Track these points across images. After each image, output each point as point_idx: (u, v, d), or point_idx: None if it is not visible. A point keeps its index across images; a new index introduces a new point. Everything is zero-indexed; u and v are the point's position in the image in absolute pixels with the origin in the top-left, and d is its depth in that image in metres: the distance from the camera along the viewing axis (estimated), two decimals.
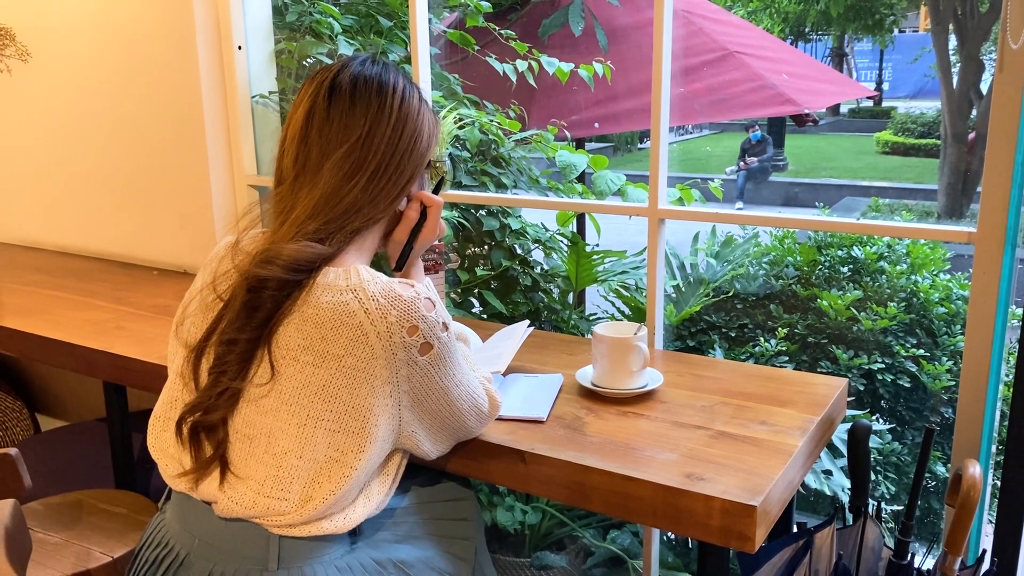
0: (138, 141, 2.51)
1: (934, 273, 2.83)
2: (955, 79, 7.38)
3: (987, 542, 1.65)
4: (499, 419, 1.40)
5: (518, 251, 2.59)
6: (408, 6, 2.09)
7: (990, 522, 1.76)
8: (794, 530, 1.53)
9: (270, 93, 2.47)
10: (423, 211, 1.34)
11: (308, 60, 2.51)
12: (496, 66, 2.71)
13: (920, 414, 2.65)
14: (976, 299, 1.55)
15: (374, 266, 1.21)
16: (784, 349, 2.69)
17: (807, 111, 4.32)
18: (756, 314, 2.88)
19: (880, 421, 2.60)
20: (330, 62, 1.57)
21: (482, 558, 1.35)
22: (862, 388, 2.65)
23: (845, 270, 2.90)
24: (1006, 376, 1.64)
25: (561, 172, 2.58)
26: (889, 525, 2.44)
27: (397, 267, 1.38)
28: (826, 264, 2.93)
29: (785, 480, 1.26)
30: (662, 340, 1.95)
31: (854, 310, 2.71)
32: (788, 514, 1.52)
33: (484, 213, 2.54)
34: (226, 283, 1.16)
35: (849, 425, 1.61)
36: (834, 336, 2.74)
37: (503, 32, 2.86)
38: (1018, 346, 1.51)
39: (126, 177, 2.57)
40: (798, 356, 2.74)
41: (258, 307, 1.11)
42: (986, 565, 1.47)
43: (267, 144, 2.46)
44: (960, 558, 1.36)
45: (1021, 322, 2.45)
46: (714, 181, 3.22)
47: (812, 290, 2.85)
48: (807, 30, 12.77)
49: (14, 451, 1.41)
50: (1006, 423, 1.55)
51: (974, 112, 7.34)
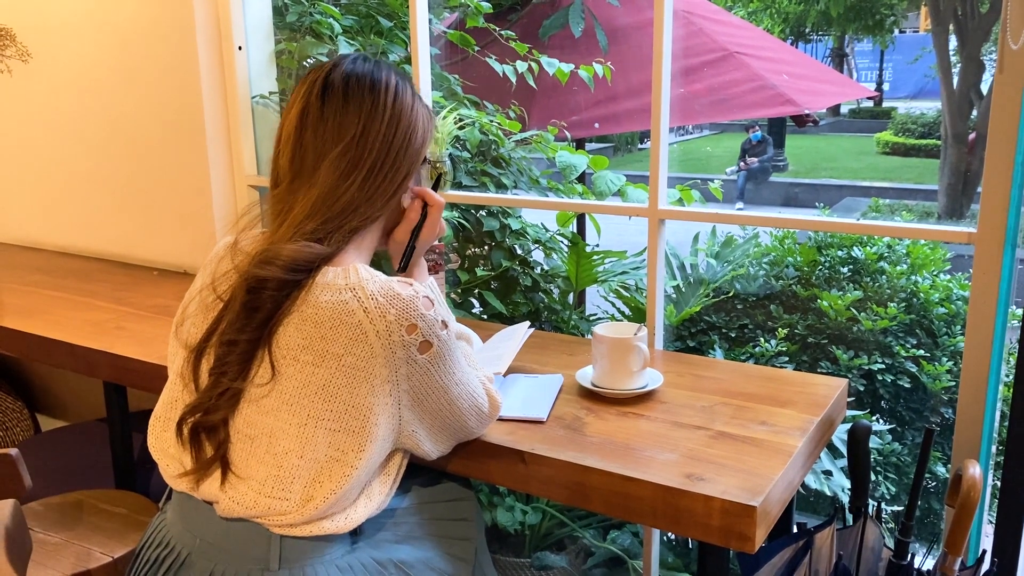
0: (138, 141, 2.51)
1: (934, 273, 2.83)
2: (955, 79, 7.38)
3: (987, 542, 1.65)
4: (499, 419, 1.40)
5: (518, 251, 2.59)
6: (408, 6, 2.09)
7: (990, 522, 1.76)
8: (794, 530, 1.53)
9: (270, 93, 2.47)
10: (424, 211, 1.34)
11: (308, 61, 2.51)
12: (496, 67, 2.71)
13: (920, 414, 2.65)
14: (976, 299, 1.55)
15: (375, 266, 1.21)
16: (784, 349, 2.69)
17: (807, 111, 4.32)
18: (756, 314, 2.88)
19: (880, 421, 2.60)
20: None
21: (482, 558, 1.35)
22: (862, 388, 2.65)
23: (845, 270, 2.90)
24: (1006, 376, 1.64)
25: (561, 172, 2.58)
26: (889, 525, 2.44)
27: (400, 267, 1.37)
28: (826, 264, 2.93)
29: (785, 480, 1.26)
30: (662, 340, 1.95)
31: (854, 310, 2.72)
32: (788, 514, 1.52)
33: (484, 213, 2.54)
34: (226, 284, 1.16)
35: (849, 425, 1.61)
36: (834, 336, 2.74)
37: (503, 33, 2.86)
38: (1018, 346, 1.51)
39: (126, 177, 2.58)
40: (798, 356, 2.74)
41: (258, 307, 1.11)
42: (986, 565, 1.47)
43: (267, 144, 2.46)
44: (960, 558, 1.36)
45: (1021, 322, 2.45)
46: (714, 181, 3.22)
47: (812, 290, 2.85)
48: (807, 30, 12.78)
49: (14, 451, 1.41)
50: (1006, 423, 1.55)
51: (974, 113, 7.34)
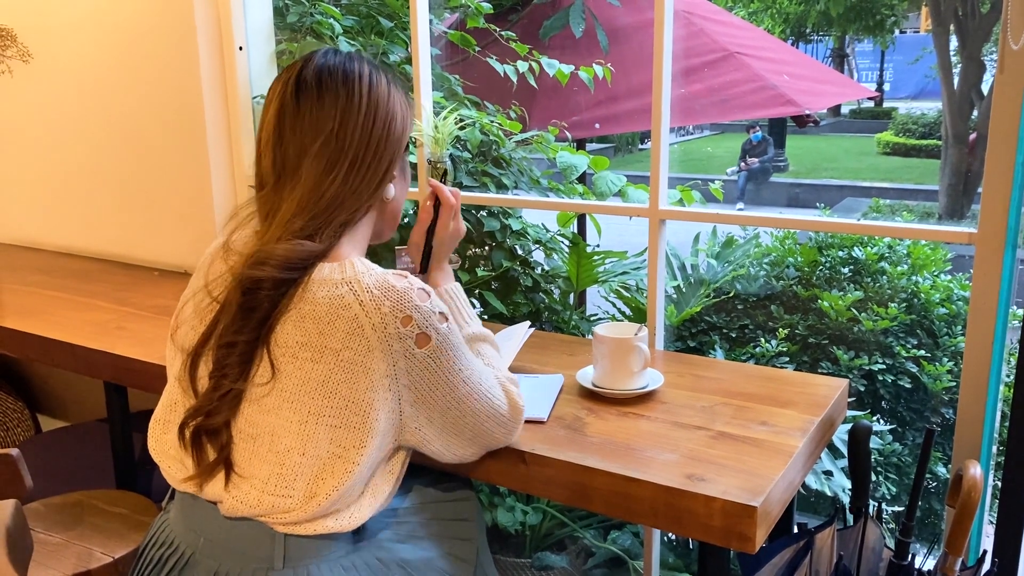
0: (139, 142, 2.51)
1: (935, 274, 2.83)
2: (956, 80, 7.38)
3: (988, 543, 1.65)
4: None
5: (519, 252, 2.59)
6: (409, 7, 2.09)
7: (991, 523, 1.76)
8: (795, 531, 1.53)
9: None
10: (436, 210, 1.33)
11: None
12: (497, 67, 2.71)
13: (921, 415, 2.65)
14: (977, 300, 1.55)
15: (373, 259, 1.20)
16: (785, 350, 2.69)
17: (808, 112, 4.32)
18: (757, 315, 2.88)
19: (881, 422, 2.60)
20: None
21: (483, 559, 1.35)
22: (863, 389, 2.65)
23: (846, 271, 2.90)
24: (1007, 377, 1.64)
25: (562, 173, 2.58)
26: (890, 526, 2.43)
27: (421, 269, 1.36)
28: (827, 265, 2.93)
29: (786, 481, 1.26)
30: (663, 341, 1.95)
31: (855, 311, 2.72)
32: (789, 515, 1.52)
33: (485, 214, 2.54)
34: (220, 286, 1.16)
35: (850, 426, 1.61)
36: (835, 337, 2.74)
37: (504, 33, 2.86)
38: (1019, 347, 1.51)
39: (127, 178, 2.58)
40: (799, 357, 2.74)
41: (255, 308, 1.11)
42: (987, 566, 1.47)
43: None
44: (961, 559, 1.36)
45: (1022, 323, 2.45)
46: (715, 182, 3.22)
47: (813, 291, 2.85)
48: (808, 31, 12.78)
49: (15, 451, 1.41)
50: (1007, 424, 1.55)
51: (975, 113, 7.34)
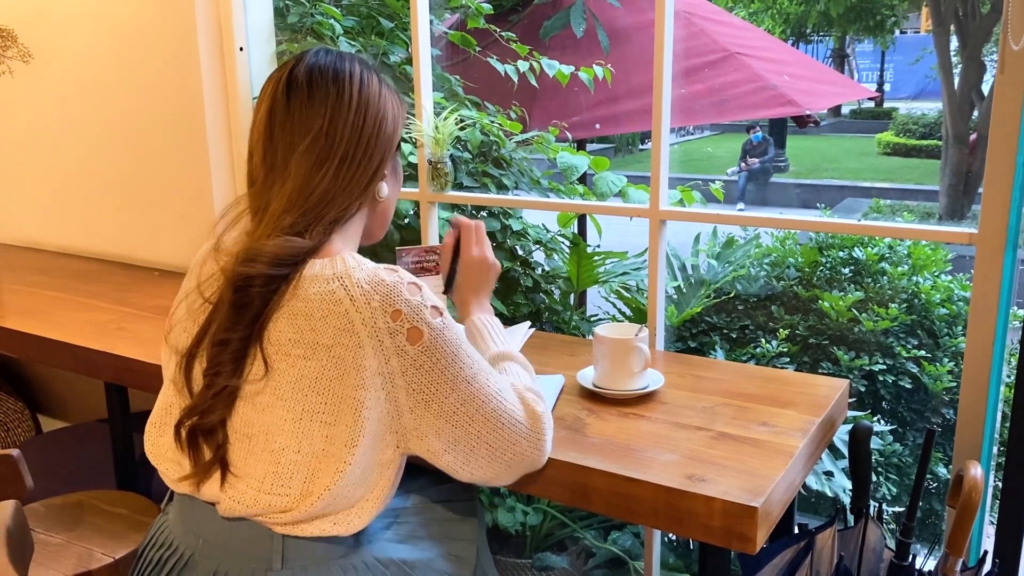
0: (139, 142, 2.51)
1: (935, 274, 2.83)
2: (956, 80, 7.37)
3: (988, 543, 1.65)
4: None
5: (519, 252, 2.59)
6: (409, 7, 2.09)
7: (991, 523, 1.76)
8: (795, 531, 1.53)
9: None
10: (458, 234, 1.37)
11: None
12: (498, 67, 2.71)
13: (921, 415, 2.65)
14: (977, 300, 1.55)
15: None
16: (785, 350, 2.69)
17: (808, 112, 4.32)
18: (757, 315, 2.88)
19: (881, 422, 2.60)
20: None
21: (484, 559, 1.34)
22: (863, 389, 2.65)
23: (846, 271, 2.90)
24: (1007, 377, 1.64)
25: (562, 173, 2.58)
26: (891, 526, 2.43)
27: (445, 289, 1.40)
28: (827, 265, 2.93)
29: (786, 481, 1.26)
30: (663, 341, 1.95)
31: (855, 311, 2.71)
32: (789, 515, 1.52)
33: (485, 214, 2.54)
34: (212, 286, 1.16)
35: (850, 426, 1.61)
36: (835, 337, 2.74)
37: (504, 34, 2.86)
38: (1019, 347, 1.51)
39: (128, 178, 2.58)
40: (799, 357, 2.74)
41: (247, 305, 1.11)
42: (987, 566, 1.47)
43: None
44: (961, 559, 1.36)
45: (1022, 323, 2.45)
46: (715, 182, 3.22)
47: (813, 291, 2.85)
48: (808, 31, 12.76)
49: (15, 452, 1.41)
50: (1007, 424, 1.55)
51: (975, 113, 7.34)
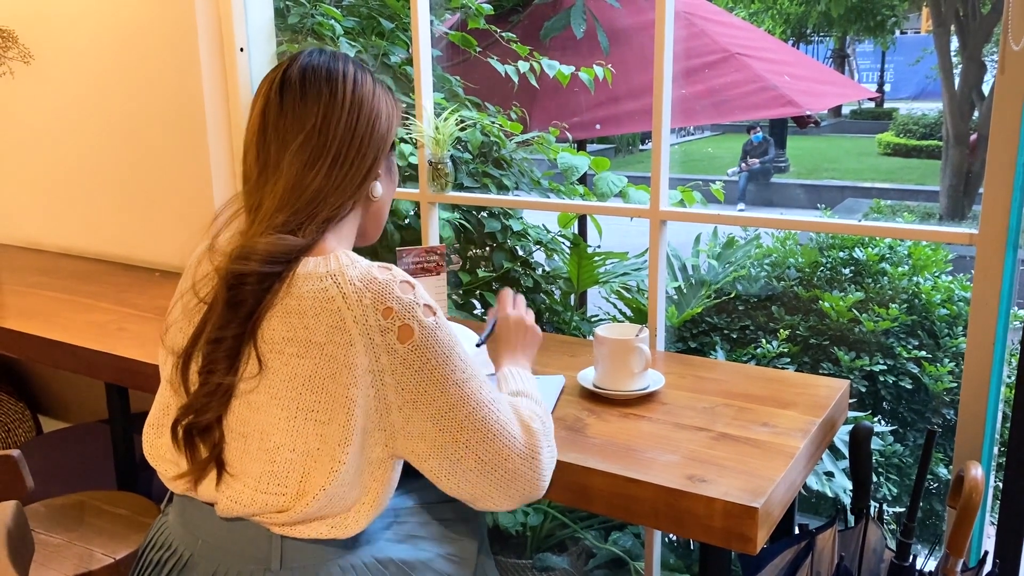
0: (140, 143, 2.51)
1: (936, 275, 2.83)
2: (957, 80, 7.37)
3: (989, 544, 1.65)
4: None
5: (520, 253, 2.59)
6: (409, 8, 2.09)
7: (992, 524, 1.76)
8: (796, 532, 1.53)
9: None
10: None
11: None
12: (498, 67, 2.71)
13: (922, 416, 2.65)
14: (978, 301, 1.55)
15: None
16: (786, 351, 2.69)
17: (808, 112, 4.32)
18: (758, 316, 2.88)
19: (882, 423, 2.60)
20: None
21: (484, 560, 1.35)
22: (864, 390, 2.65)
23: (847, 271, 2.90)
24: (1008, 378, 1.64)
25: (563, 174, 2.58)
26: (891, 527, 2.43)
27: (479, 342, 1.43)
28: (828, 266, 2.93)
29: (787, 482, 1.26)
30: (663, 342, 1.95)
31: (856, 311, 2.71)
32: (790, 516, 1.52)
33: (486, 215, 2.54)
34: (207, 286, 1.16)
35: (851, 427, 1.61)
36: (836, 338, 2.74)
37: (504, 34, 2.86)
38: (1020, 347, 1.51)
39: (128, 179, 2.58)
40: (800, 358, 2.74)
41: (240, 302, 1.11)
42: (988, 567, 1.47)
43: None
44: (962, 560, 1.36)
45: (1023, 323, 2.45)
46: (716, 183, 3.22)
47: (814, 292, 2.85)
48: (808, 32, 12.78)
49: (16, 453, 1.41)
50: (1008, 425, 1.55)
51: (976, 114, 7.34)
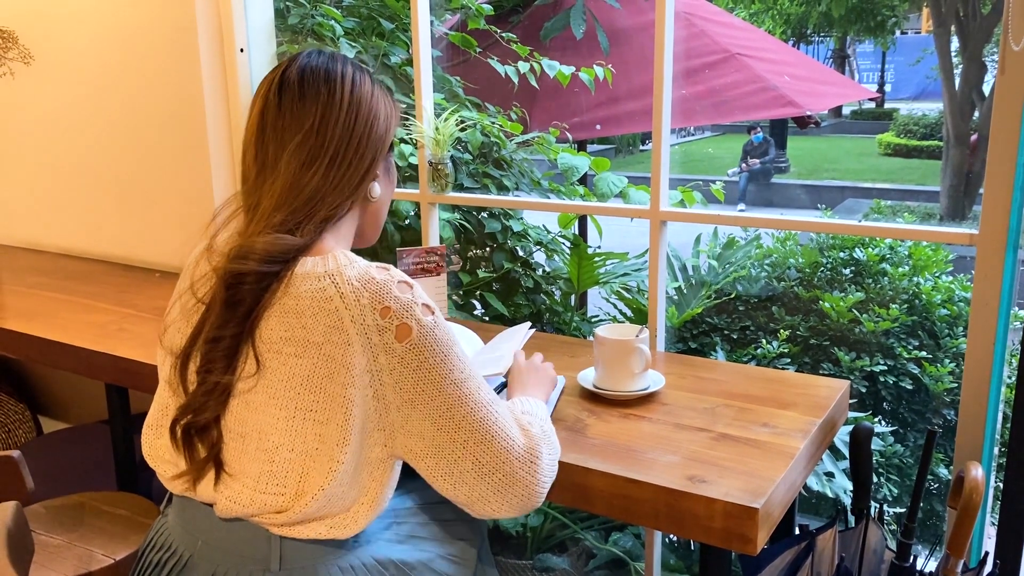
0: (140, 144, 2.51)
1: (936, 275, 2.83)
2: (957, 81, 7.38)
3: (989, 544, 1.65)
4: None
5: (520, 253, 2.59)
6: (410, 8, 2.09)
7: (992, 524, 1.76)
8: (796, 532, 1.53)
9: None
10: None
11: None
12: (498, 68, 2.71)
13: (922, 416, 2.65)
14: (978, 301, 1.55)
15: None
16: (786, 351, 2.69)
17: (809, 113, 4.32)
18: (758, 316, 2.88)
19: (882, 423, 2.60)
20: None
21: (484, 560, 1.35)
22: (864, 390, 2.65)
23: (847, 272, 2.90)
24: (1008, 378, 1.64)
25: (563, 174, 2.58)
26: (891, 527, 2.43)
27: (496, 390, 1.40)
28: (828, 266, 2.93)
29: (787, 482, 1.25)
30: (664, 342, 1.95)
31: (856, 312, 2.71)
32: (790, 516, 1.52)
33: (486, 215, 2.54)
34: (205, 287, 1.16)
35: (851, 427, 1.61)
36: (836, 338, 2.74)
37: (504, 35, 2.86)
38: (1020, 348, 1.51)
39: (128, 180, 2.58)
40: (800, 358, 2.74)
41: (239, 302, 1.11)
42: (988, 567, 1.47)
43: None
44: (962, 560, 1.36)
45: (1023, 324, 2.45)
46: (716, 183, 3.22)
47: (814, 292, 2.85)
48: (809, 32, 12.77)
49: (16, 453, 1.41)
50: (1008, 425, 1.55)
51: (976, 114, 7.34)
